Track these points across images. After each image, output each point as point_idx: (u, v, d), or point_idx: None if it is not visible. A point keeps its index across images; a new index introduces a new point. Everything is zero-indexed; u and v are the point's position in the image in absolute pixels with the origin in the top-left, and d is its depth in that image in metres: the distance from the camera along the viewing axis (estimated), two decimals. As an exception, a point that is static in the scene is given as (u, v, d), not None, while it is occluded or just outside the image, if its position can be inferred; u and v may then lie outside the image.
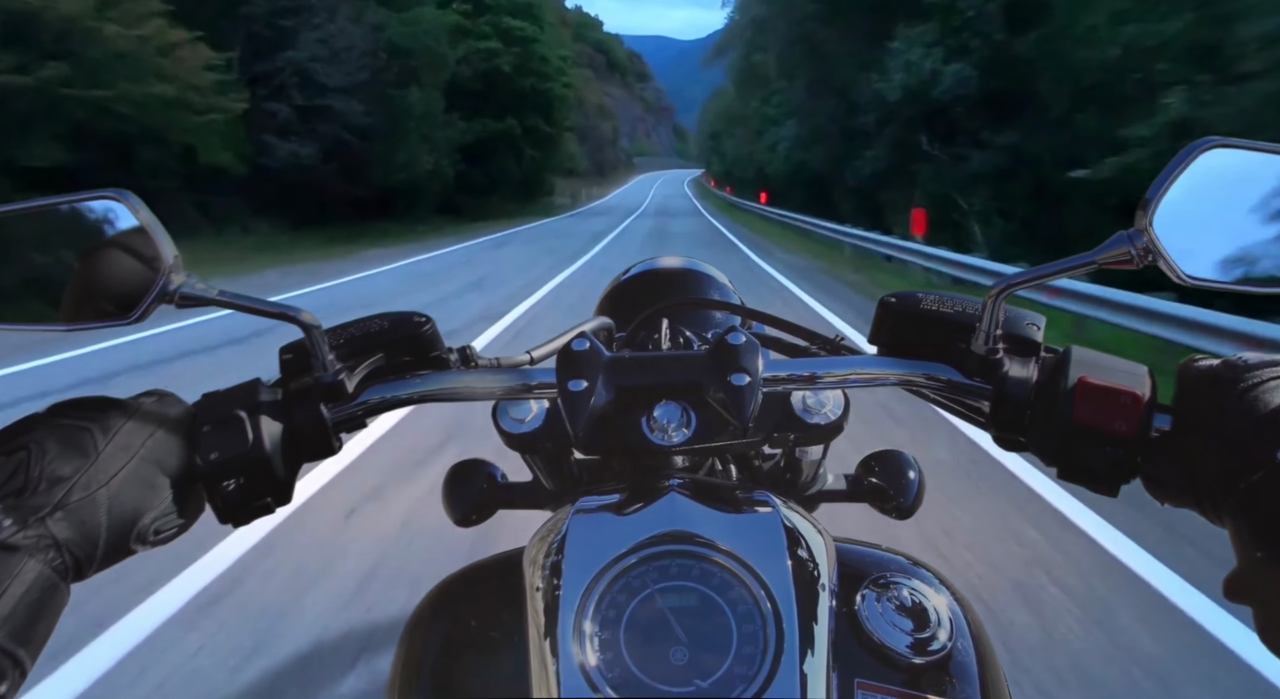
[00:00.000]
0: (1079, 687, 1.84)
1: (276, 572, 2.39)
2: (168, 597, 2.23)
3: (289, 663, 1.91)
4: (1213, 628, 2.06)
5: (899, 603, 0.49)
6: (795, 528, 0.47)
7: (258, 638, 2.02)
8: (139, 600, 2.20)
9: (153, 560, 2.24)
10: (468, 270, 11.39)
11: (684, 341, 0.78)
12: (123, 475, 0.43)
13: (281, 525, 2.65)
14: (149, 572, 2.32)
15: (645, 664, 0.40)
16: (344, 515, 2.78)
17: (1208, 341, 4.40)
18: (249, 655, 1.94)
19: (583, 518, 0.48)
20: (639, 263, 1.06)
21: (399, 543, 2.56)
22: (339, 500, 2.90)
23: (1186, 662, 1.93)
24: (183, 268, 0.47)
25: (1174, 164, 0.45)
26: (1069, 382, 0.46)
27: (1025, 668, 1.89)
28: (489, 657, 0.50)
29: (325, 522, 2.73)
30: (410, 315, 0.57)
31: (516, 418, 0.70)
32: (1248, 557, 0.39)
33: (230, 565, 2.41)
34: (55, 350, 5.48)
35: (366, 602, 2.17)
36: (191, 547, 2.46)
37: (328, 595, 2.22)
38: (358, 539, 2.60)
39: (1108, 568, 2.43)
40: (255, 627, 2.07)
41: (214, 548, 2.49)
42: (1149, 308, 5.05)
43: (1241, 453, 0.40)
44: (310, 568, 2.40)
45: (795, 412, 0.66)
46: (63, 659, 1.92)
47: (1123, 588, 2.30)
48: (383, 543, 2.55)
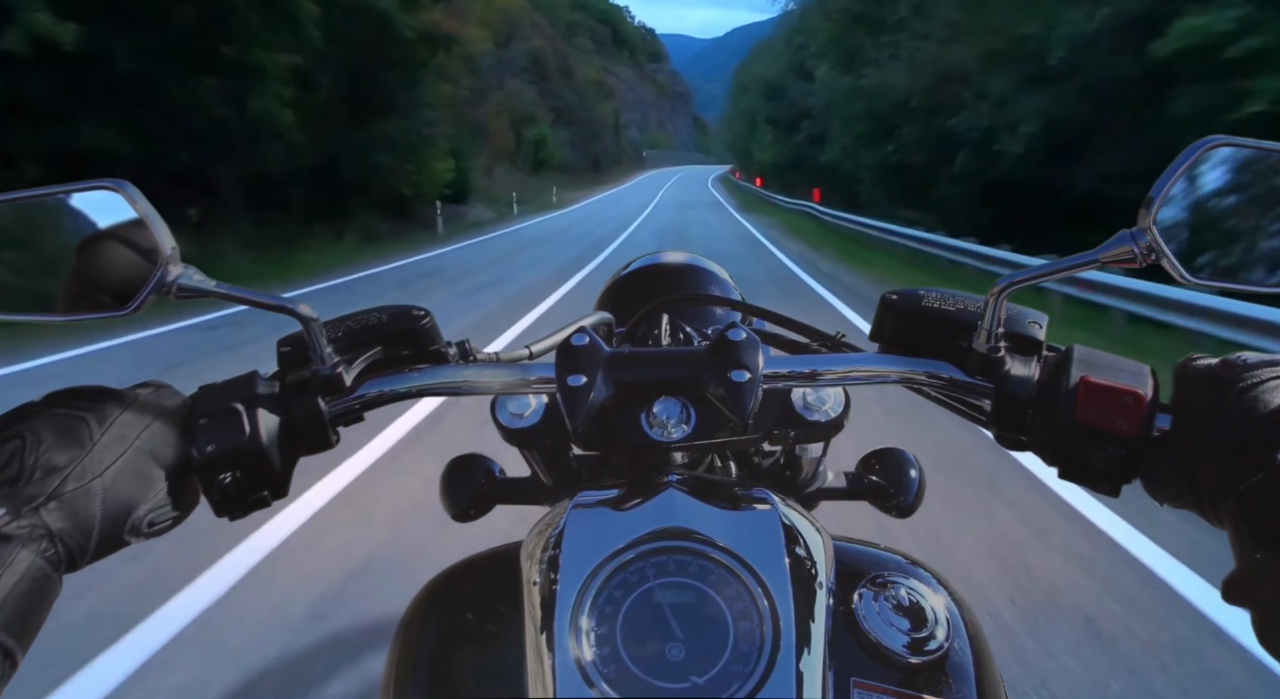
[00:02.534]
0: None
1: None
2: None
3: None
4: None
5: (896, 602, 0.49)
6: (793, 526, 0.47)
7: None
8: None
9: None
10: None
11: (684, 337, 0.78)
12: (118, 466, 0.42)
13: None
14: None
15: (641, 660, 0.40)
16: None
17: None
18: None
19: (581, 512, 0.48)
20: (640, 257, 1.06)
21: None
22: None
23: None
24: (180, 259, 0.47)
25: (1177, 162, 0.45)
26: (1071, 380, 0.46)
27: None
28: (485, 650, 0.50)
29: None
30: (409, 309, 0.56)
31: (515, 413, 0.70)
32: (1247, 558, 0.38)
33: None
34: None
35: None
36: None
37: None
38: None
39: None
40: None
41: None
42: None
43: (1242, 454, 0.40)
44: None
45: (795, 409, 0.65)
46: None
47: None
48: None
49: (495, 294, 8.47)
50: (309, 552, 2.52)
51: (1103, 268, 0.47)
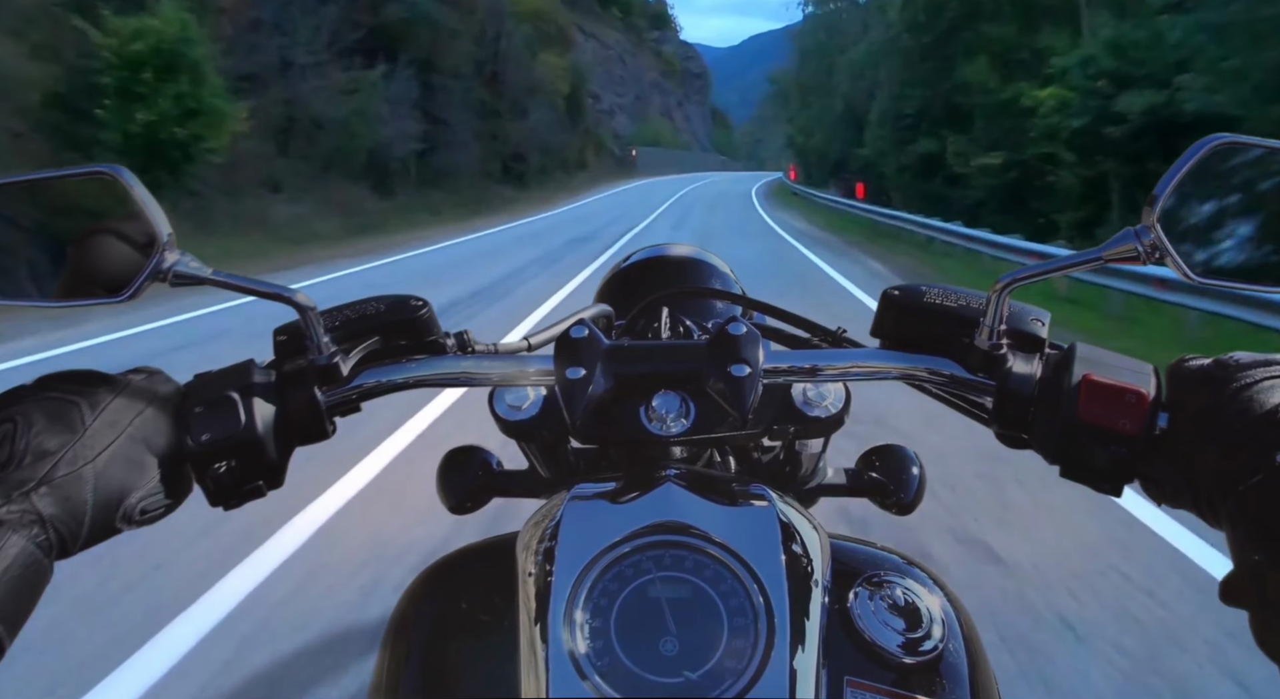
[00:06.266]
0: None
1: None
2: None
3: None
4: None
5: (892, 602, 0.49)
6: (791, 523, 0.47)
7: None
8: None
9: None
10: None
11: (684, 331, 0.78)
12: (109, 452, 0.42)
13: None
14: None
15: (635, 654, 0.40)
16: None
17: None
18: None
19: (578, 505, 0.48)
20: (640, 250, 1.05)
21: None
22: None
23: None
24: (176, 246, 0.47)
25: (1182, 160, 0.45)
26: (1073, 378, 0.46)
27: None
28: (479, 641, 0.50)
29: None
30: (407, 299, 0.56)
31: (513, 405, 0.70)
32: (1245, 559, 0.38)
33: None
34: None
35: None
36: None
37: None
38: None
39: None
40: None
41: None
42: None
43: (1240, 455, 0.40)
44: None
45: (795, 404, 0.65)
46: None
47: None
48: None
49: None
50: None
51: (1106, 265, 0.47)
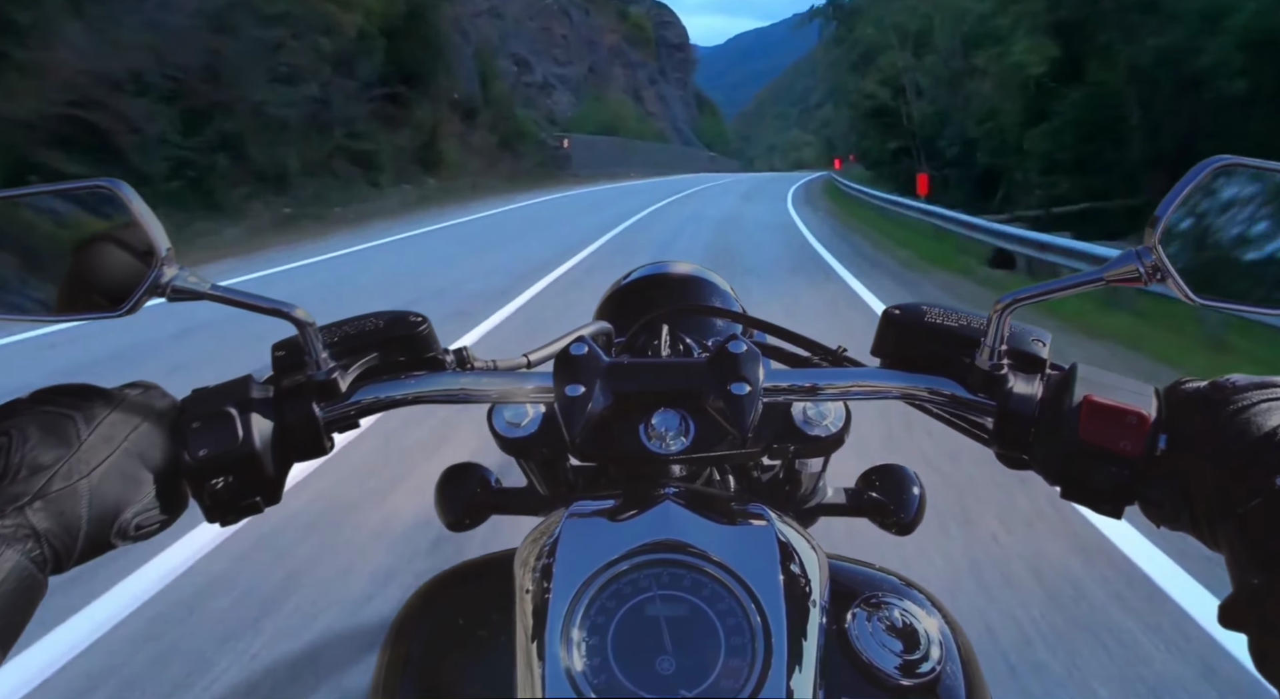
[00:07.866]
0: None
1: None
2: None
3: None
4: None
5: (890, 623, 0.49)
6: (789, 542, 0.47)
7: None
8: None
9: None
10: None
11: (684, 348, 0.78)
12: (105, 467, 0.42)
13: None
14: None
15: (631, 672, 0.40)
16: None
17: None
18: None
19: (576, 522, 0.47)
20: (641, 267, 1.05)
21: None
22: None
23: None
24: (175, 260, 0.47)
25: (1183, 182, 0.45)
26: (1074, 399, 0.46)
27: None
28: (476, 657, 0.50)
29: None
30: (406, 315, 0.56)
31: (512, 422, 0.69)
32: (1244, 583, 0.38)
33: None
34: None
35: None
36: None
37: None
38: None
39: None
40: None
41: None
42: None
43: (1239, 478, 0.39)
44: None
45: (795, 423, 0.65)
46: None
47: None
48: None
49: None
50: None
51: (1108, 286, 0.47)
